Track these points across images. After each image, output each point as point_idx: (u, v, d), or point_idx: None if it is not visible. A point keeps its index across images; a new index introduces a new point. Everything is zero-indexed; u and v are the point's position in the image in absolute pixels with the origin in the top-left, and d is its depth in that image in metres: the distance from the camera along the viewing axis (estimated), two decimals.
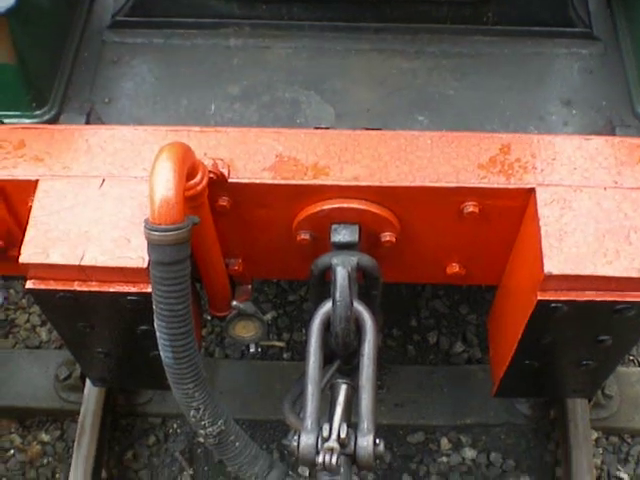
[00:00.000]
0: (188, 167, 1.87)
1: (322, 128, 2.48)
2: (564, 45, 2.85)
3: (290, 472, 2.18)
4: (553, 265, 1.96)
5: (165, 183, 1.77)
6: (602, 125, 2.65)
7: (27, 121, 2.56)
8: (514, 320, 2.27)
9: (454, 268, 2.41)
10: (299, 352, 3.71)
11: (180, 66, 2.79)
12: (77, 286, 2.07)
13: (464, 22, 2.83)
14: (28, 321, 3.91)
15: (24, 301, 3.97)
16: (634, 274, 1.95)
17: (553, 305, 2.03)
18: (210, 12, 2.82)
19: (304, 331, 3.73)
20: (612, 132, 2.60)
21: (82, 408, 3.35)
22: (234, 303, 2.50)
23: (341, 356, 2.28)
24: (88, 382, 3.35)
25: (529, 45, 2.84)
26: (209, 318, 3.74)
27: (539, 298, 2.02)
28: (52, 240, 2.04)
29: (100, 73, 2.78)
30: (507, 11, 2.80)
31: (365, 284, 2.32)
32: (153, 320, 1.88)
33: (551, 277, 1.96)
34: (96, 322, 2.25)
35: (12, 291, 4.00)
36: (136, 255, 2.00)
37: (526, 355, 2.34)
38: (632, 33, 2.78)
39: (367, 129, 2.38)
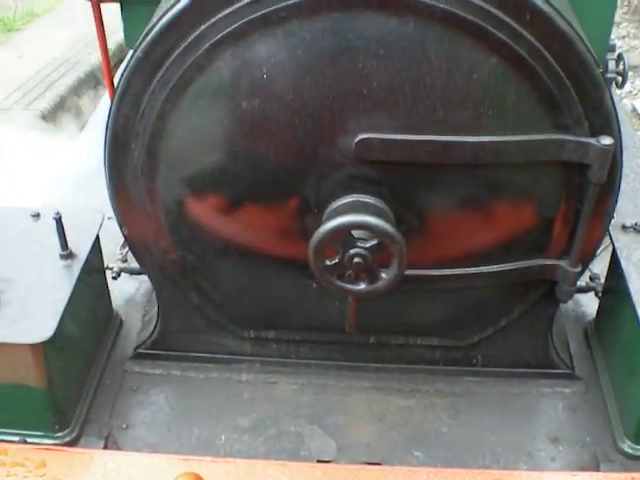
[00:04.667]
0: None
1: (324, 461, 2.63)
2: (548, 385, 3.09)
3: None
4: None
5: None
6: (588, 460, 2.80)
7: (49, 441, 2.73)
8: None
9: None
10: None
11: (194, 397, 3.02)
12: None
13: (455, 364, 3.09)
14: None
15: None
16: None
17: None
18: (224, 349, 3.11)
19: None
20: (597, 467, 2.75)
21: None
22: None
23: None
24: None
25: (516, 385, 3.08)
26: None
27: None
28: None
29: (120, 400, 3.00)
30: (494, 354, 3.08)
31: None
32: None
33: None
34: None
35: None
36: None
37: None
38: (611, 373, 3.04)
39: (367, 463, 2.54)
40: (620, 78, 4.22)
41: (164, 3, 2.72)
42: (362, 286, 2.52)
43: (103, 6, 3.42)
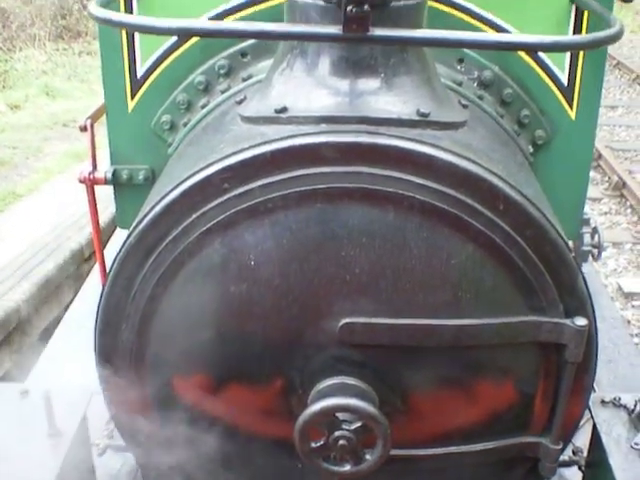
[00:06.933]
0: None
1: None
2: None
3: None
4: None
5: None
6: None
7: None
8: None
9: None
10: None
11: None
12: None
13: None
14: None
15: None
16: None
17: None
18: None
19: None
20: None
21: None
22: None
23: None
24: None
25: None
26: None
27: None
28: None
29: None
30: None
31: None
32: None
33: None
34: None
35: None
36: None
37: None
38: None
39: None
40: (596, 251, 4.40)
41: (156, 190, 2.87)
42: (347, 467, 2.54)
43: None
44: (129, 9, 3.31)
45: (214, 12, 3.29)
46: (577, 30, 3.27)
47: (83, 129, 3.56)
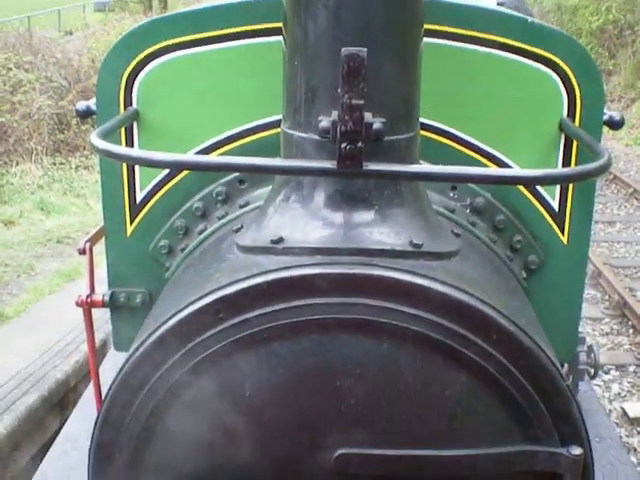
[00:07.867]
0: None
1: None
2: None
3: None
4: None
5: None
6: None
7: None
8: None
9: None
10: None
11: None
12: None
13: None
14: None
15: None
16: None
17: None
18: None
19: None
20: None
21: None
22: None
23: None
24: None
25: None
26: None
27: None
28: None
29: None
30: None
31: None
32: None
33: None
34: None
35: None
36: None
37: None
38: None
39: None
40: (592, 370, 4.42)
41: (153, 316, 2.90)
42: None
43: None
44: (130, 138, 3.42)
45: (213, 140, 3.40)
46: (566, 158, 3.38)
47: (82, 252, 3.61)
